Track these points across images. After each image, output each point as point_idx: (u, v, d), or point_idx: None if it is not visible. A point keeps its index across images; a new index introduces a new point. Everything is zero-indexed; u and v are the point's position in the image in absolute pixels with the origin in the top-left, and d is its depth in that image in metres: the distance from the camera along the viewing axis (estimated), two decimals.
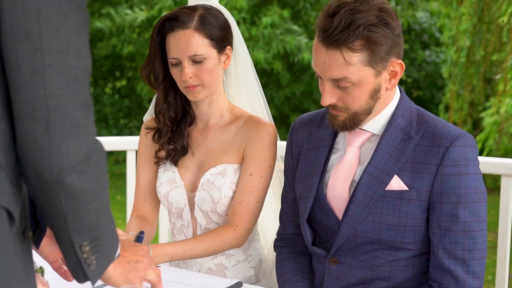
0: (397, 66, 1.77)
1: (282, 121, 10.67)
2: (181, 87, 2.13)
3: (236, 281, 1.89)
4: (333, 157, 1.93)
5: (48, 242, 1.49)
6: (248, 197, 2.12)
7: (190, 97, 2.14)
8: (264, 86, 10.23)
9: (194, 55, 2.07)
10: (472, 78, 9.48)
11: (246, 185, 2.13)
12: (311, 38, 10.32)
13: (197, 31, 2.07)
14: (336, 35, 1.69)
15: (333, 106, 1.81)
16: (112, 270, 1.30)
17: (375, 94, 1.78)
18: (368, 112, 1.81)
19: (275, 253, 2.19)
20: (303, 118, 2.09)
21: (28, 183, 1.13)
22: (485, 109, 9.41)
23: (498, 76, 8.77)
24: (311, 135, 1.99)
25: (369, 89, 1.76)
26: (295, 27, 9.73)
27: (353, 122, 1.82)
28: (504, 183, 2.77)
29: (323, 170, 1.92)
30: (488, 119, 8.12)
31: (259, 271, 2.29)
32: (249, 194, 2.12)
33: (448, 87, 10.04)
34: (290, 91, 10.34)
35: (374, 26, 1.69)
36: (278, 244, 2.14)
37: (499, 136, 8.03)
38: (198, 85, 2.10)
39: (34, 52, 1.07)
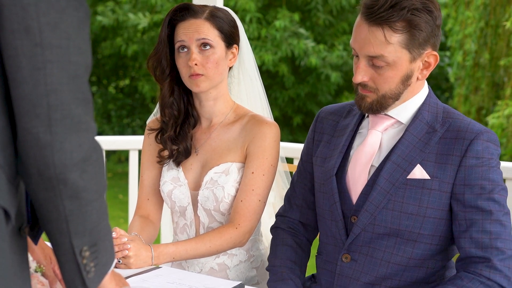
0: (432, 57, 1.82)
1: (285, 122, 10.66)
2: (185, 76, 2.13)
3: (238, 282, 1.88)
4: (356, 141, 1.95)
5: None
6: (249, 195, 2.12)
7: (193, 87, 2.13)
8: (269, 87, 10.23)
9: (203, 39, 2.09)
10: (480, 82, 9.48)
11: (248, 183, 2.12)
12: (318, 41, 10.34)
13: (208, 21, 2.11)
14: (380, 13, 1.74)
15: (363, 85, 1.84)
16: (108, 282, 1.29)
17: (406, 80, 1.82)
18: (396, 97, 1.84)
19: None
20: (330, 107, 2.11)
21: (30, 183, 1.12)
22: (491, 113, 9.40)
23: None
24: (339, 124, 2.01)
25: (401, 73, 1.80)
26: (302, 30, 9.74)
27: (380, 105, 1.85)
28: (509, 187, 2.76)
29: (346, 152, 1.94)
30: (493, 121, 8.08)
31: (261, 272, 2.28)
32: (251, 192, 2.12)
33: (456, 91, 10.05)
34: (295, 93, 10.33)
35: (418, 11, 1.75)
36: (282, 227, 2.12)
37: (506, 140, 8.01)
38: (202, 74, 2.10)
39: (34, 48, 1.06)
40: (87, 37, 1.13)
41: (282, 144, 2.28)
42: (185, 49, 2.11)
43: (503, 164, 2.80)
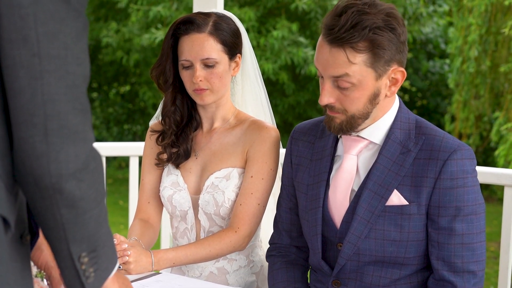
0: (399, 73, 1.77)
1: (285, 128, 10.67)
2: (189, 90, 2.15)
3: None
4: (335, 165, 1.91)
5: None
6: (248, 199, 2.13)
7: (198, 101, 2.16)
8: (269, 94, 10.17)
9: (207, 59, 2.10)
10: (479, 89, 9.47)
11: (247, 187, 2.14)
12: None
13: (211, 36, 2.10)
14: (341, 34, 1.69)
15: (330, 107, 1.80)
16: (111, 285, 1.29)
17: (374, 99, 1.77)
18: (365, 116, 1.80)
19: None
20: (303, 127, 2.06)
21: (27, 191, 1.12)
22: (491, 120, 9.38)
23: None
24: (315, 146, 1.97)
25: (368, 92, 1.75)
26: (301, 39, 9.75)
27: (350, 125, 1.80)
28: (507, 193, 2.76)
29: (328, 179, 1.91)
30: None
31: (260, 278, 2.29)
32: (250, 196, 2.13)
33: (454, 97, 10.03)
34: (295, 100, 10.36)
35: (380, 29, 1.69)
36: (271, 254, 2.12)
37: None
38: (207, 89, 2.12)
39: (32, 58, 1.06)
40: (85, 47, 1.13)
41: (283, 150, 2.29)
42: (189, 66, 2.12)
43: (500, 171, 2.81)
